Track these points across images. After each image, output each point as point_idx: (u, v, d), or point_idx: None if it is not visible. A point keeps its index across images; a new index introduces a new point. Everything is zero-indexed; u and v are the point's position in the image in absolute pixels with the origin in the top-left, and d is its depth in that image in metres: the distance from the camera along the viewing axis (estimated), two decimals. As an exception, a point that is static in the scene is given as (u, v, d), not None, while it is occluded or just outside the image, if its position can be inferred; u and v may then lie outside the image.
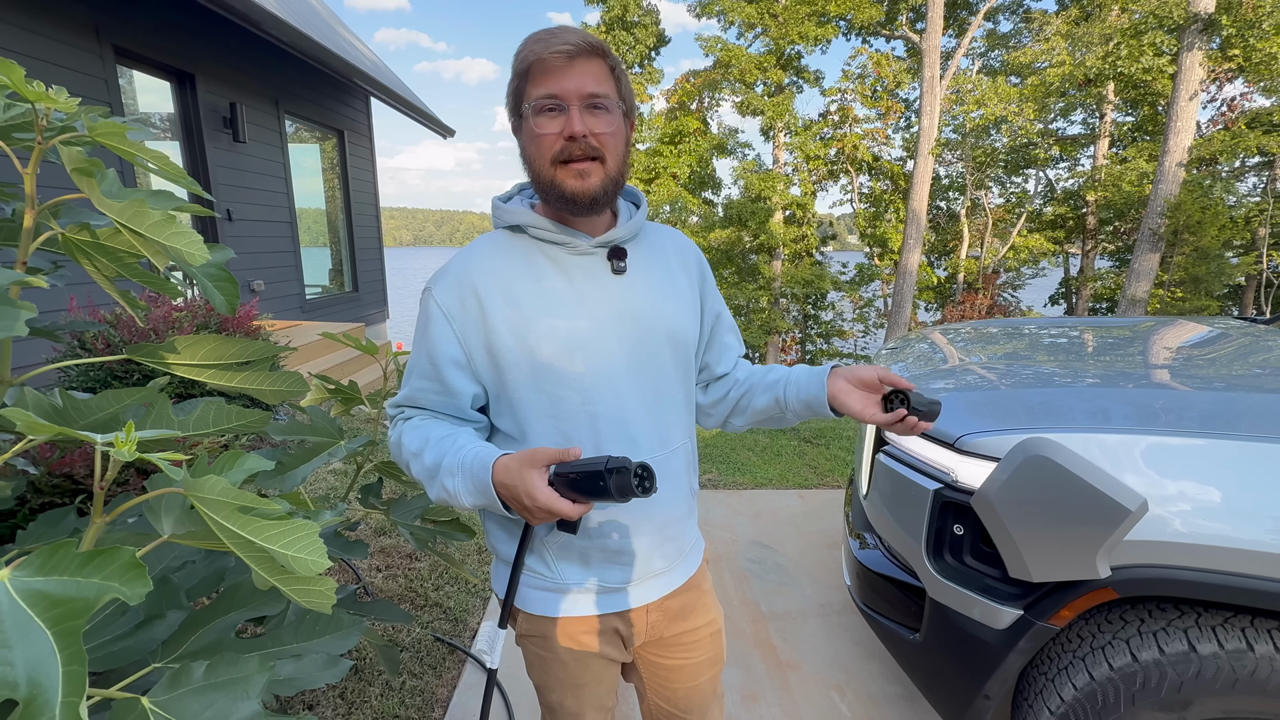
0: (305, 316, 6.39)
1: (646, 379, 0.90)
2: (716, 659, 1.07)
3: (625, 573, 0.93)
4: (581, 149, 0.81)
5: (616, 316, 0.88)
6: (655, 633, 1.00)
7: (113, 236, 0.84)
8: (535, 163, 0.84)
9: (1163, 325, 2.29)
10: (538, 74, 0.81)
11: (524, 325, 0.85)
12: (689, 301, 0.98)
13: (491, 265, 0.88)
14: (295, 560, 0.55)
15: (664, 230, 1.02)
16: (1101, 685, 1.15)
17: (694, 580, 1.03)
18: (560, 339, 0.85)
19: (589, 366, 0.86)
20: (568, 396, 0.86)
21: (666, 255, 0.98)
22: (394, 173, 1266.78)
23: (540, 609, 0.94)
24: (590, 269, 0.89)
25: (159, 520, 0.61)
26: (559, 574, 0.92)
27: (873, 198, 15.25)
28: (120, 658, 0.64)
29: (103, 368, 2.68)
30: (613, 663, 1.00)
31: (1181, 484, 1.12)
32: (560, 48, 0.79)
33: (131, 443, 0.50)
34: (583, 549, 0.91)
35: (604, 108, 0.82)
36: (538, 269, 0.88)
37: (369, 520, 2.74)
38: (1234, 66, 8.83)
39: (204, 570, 0.82)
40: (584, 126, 0.80)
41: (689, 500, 1.00)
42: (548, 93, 0.81)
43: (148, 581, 0.43)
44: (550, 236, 0.88)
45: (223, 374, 0.93)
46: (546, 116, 0.81)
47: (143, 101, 4.81)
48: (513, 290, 0.86)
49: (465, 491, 0.81)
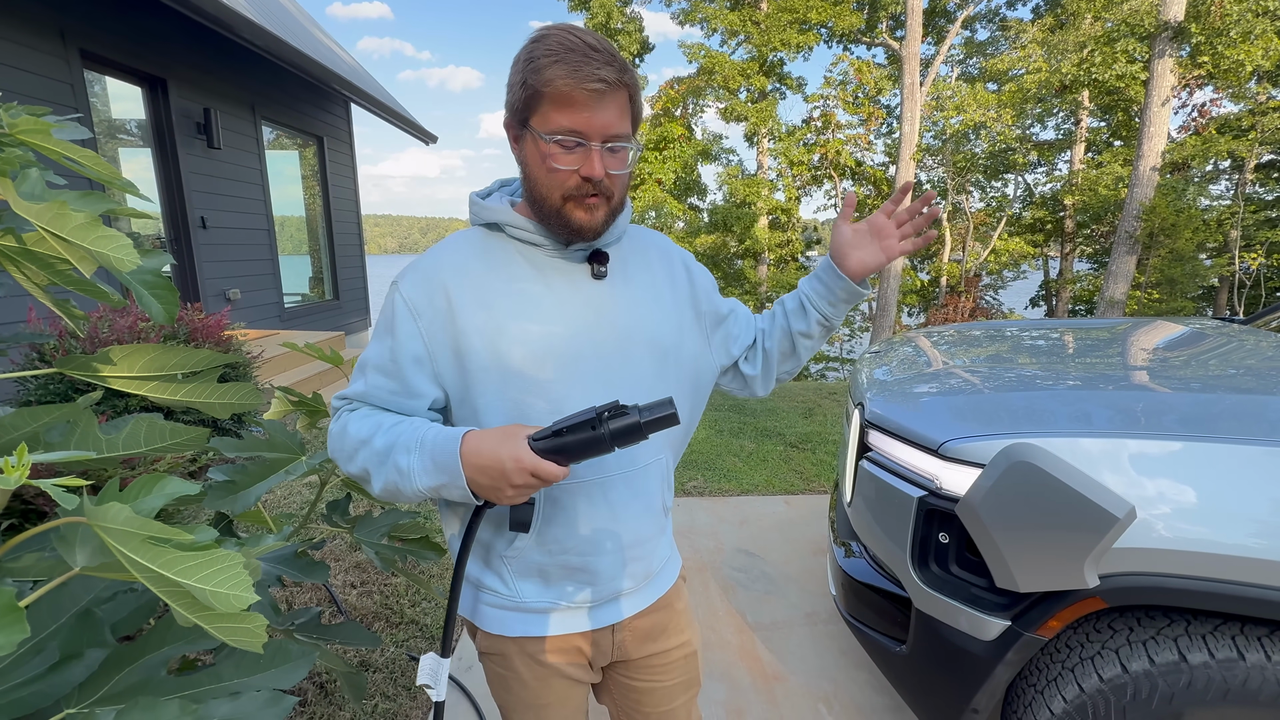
0: (284, 326, 6.27)
1: (621, 389, 0.84)
2: (691, 682, 1.02)
3: (587, 592, 0.89)
4: (595, 189, 0.79)
5: (594, 323, 0.84)
6: (623, 653, 0.95)
7: (40, 242, 0.78)
8: (542, 187, 0.80)
9: (1141, 326, 2.30)
10: (562, 103, 0.75)
11: (495, 329, 0.81)
12: (674, 307, 0.93)
13: (465, 264, 0.84)
14: (215, 595, 0.50)
15: (648, 234, 0.98)
16: (1091, 697, 1.12)
17: (666, 599, 0.98)
18: (532, 344, 0.81)
19: (559, 374, 0.82)
20: (535, 404, 0.81)
21: (650, 260, 0.93)
22: (378, 180, 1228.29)
23: (498, 628, 0.89)
24: (568, 273, 0.85)
25: (70, 550, 0.55)
26: (517, 592, 0.87)
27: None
28: (29, 703, 0.58)
29: (63, 380, 2.58)
30: (578, 683, 0.95)
31: (1166, 488, 1.10)
32: (593, 85, 0.73)
33: (23, 468, 0.44)
34: (542, 566, 0.86)
35: (623, 149, 0.80)
36: (513, 270, 0.84)
37: (343, 536, 2.66)
38: (1203, 73, 9.04)
39: (138, 599, 0.75)
40: (603, 170, 0.78)
41: (660, 519, 0.94)
42: (571, 128, 0.76)
43: (24, 627, 0.38)
44: (529, 237, 0.84)
45: (165, 386, 0.87)
46: (566, 151, 0.77)
47: (115, 108, 4.70)
48: (485, 291, 0.82)
49: (421, 470, 0.75)
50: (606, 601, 0.91)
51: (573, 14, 14.62)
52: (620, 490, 0.86)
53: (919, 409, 1.48)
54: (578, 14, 14.59)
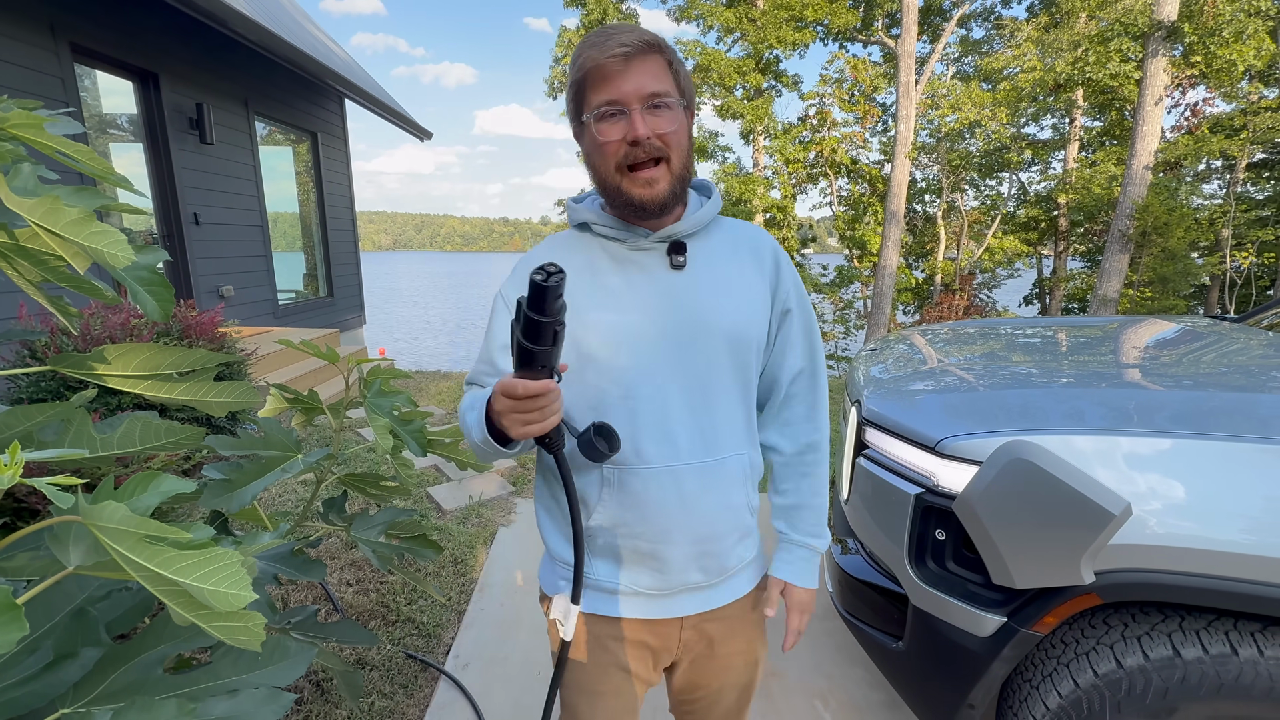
0: (278, 323, 6.23)
1: (694, 379, 0.86)
2: (747, 686, 1.04)
3: (656, 580, 0.90)
4: (646, 151, 0.80)
5: (667, 312, 0.86)
6: (688, 653, 0.96)
7: (33, 238, 0.77)
8: (601, 170, 0.84)
9: (1134, 324, 2.31)
10: (596, 80, 0.80)
11: (574, 318, 0.84)
12: (758, 300, 0.91)
13: (552, 260, 0.88)
14: (213, 594, 0.49)
15: (740, 225, 0.97)
16: (1087, 693, 1.13)
17: (740, 605, 0.97)
18: (606, 332, 0.85)
19: (632, 361, 0.85)
20: (609, 390, 0.85)
21: (738, 250, 0.93)
22: (372, 176, 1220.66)
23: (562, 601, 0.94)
24: (646, 264, 0.88)
25: (64, 549, 0.55)
26: (591, 569, 0.92)
27: (851, 200, 15.40)
28: (24, 703, 0.58)
29: (55, 377, 2.56)
30: (636, 680, 0.95)
31: (1158, 485, 1.10)
32: (617, 51, 0.77)
33: (16, 466, 0.44)
34: (615, 548, 0.90)
35: (666, 105, 0.80)
36: (596, 265, 0.89)
37: (340, 533, 2.65)
38: (1196, 73, 9.09)
39: (133, 598, 0.75)
40: (647, 129, 0.79)
41: (741, 518, 0.92)
42: (608, 98, 0.79)
43: (23, 624, 0.37)
44: (610, 233, 0.89)
45: (160, 385, 0.86)
46: (609, 123, 0.80)
47: (106, 103, 4.65)
48: (569, 285, 0.86)
49: (475, 424, 0.82)
50: (676, 593, 0.91)
51: (568, 10, 14.56)
52: (692, 481, 0.87)
53: (916, 406, 1.48)
54: (573, 10, 14.53)
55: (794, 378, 0.96)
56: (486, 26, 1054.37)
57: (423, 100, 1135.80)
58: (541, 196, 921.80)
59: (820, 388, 0.98)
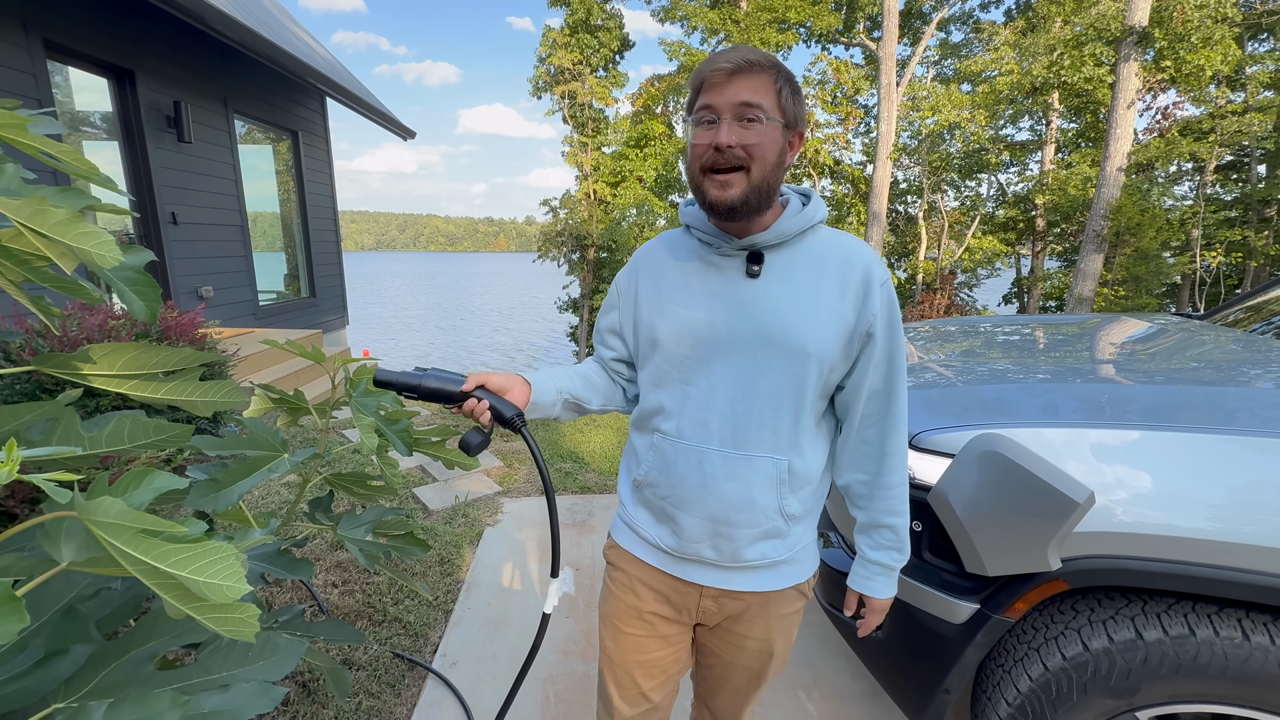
0: (259, 324, 6.15)
1: (743, 379, 0.93)
2: (756, 672, 1.09)
3: (674, 541, 1.01)
4: (727, 159, 0.86)
5: (734, 316, 0.93)
6: (707, 618, 1.06)
7: (15, 238, 0.77)
8: (689, 169, 0.92)
9: (1108, 322, 2.38)
10: (701, 88, 0.88)
11: (657, 308, 0.99)
12: (827, 317, 0.91)
13: (657, 256, 1.04)
14: (209, 586, 0.51)
15: (838, 239, 0.95)
16: (1055, 675, 1.18)
17: (762, 597, 1.02)
18: (676, 324, 0.96)
19: (692, 353, 0.95)
20: (670, 375, 0.98)
21: (823, 266, 0.92)
22: (354, 175, 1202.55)
23: (617, 535, 1.12)
24: (726, 269, 0.95)
25: (56, 546, 0.56)
26: (635, 516, 1.07)
27: (834, 201, 15.57)
28: (15, 700, 0.58)
29: (31, 379, 2.51)
30: (658, 633, 1.06)
31: (1125, 475, 1.15)
32: (722, 65, 0.85)
33: (12, 463, 0.45)
34: (650, 503, 1.03)
35: (755, 119, 0.85)
36: (686, 264, 0.99)
37: (325, 533, 2.63)
38: (1166, 77, 9.33)
39: (121, 597, 0.75)
40: (730, 137, 0.84)
41: (766, 519, 0.96)
42: (704, 104, 0.87)
43: (24, 615, 0.39)
44: (703, 237, 0.97)
45: (146, 385, 0.86)
46: (702, 127, 0.88)
47: (80, 100, 4.56)
48: (662, 278, 1.01)
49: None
50: (689, 560, 1.02)
51: (552, 10, 14.51)
52: (715, 466, 0.95)
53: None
54: (557, 10, 14.50)
55: (869, 398, 0.96)
56: (469, 26, 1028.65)
57: (406, 99, 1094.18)
58: (526, 196, 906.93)
59: (895, 411, 0.97)
